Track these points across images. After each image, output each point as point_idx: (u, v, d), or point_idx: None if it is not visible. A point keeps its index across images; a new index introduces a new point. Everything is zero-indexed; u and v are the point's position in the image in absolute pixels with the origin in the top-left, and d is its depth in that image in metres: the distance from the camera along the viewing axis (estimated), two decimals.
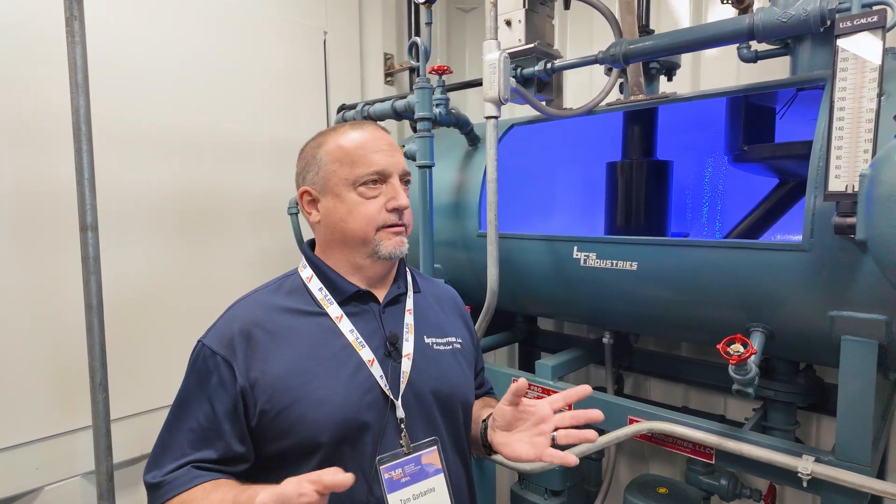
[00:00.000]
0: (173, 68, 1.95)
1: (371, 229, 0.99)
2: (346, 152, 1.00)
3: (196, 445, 0.94)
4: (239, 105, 2.14)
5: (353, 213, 0.99)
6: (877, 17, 0.95)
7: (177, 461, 0.94)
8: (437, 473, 1.00)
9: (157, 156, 1.92)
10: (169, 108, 1.94)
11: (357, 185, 0.99)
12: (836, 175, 1.02)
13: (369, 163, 0.99)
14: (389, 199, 1.00)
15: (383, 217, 1.00)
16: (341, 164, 1.00)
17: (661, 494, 1.71)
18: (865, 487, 1.15)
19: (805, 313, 1.24)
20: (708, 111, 1.95)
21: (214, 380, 0.94)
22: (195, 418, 0.95)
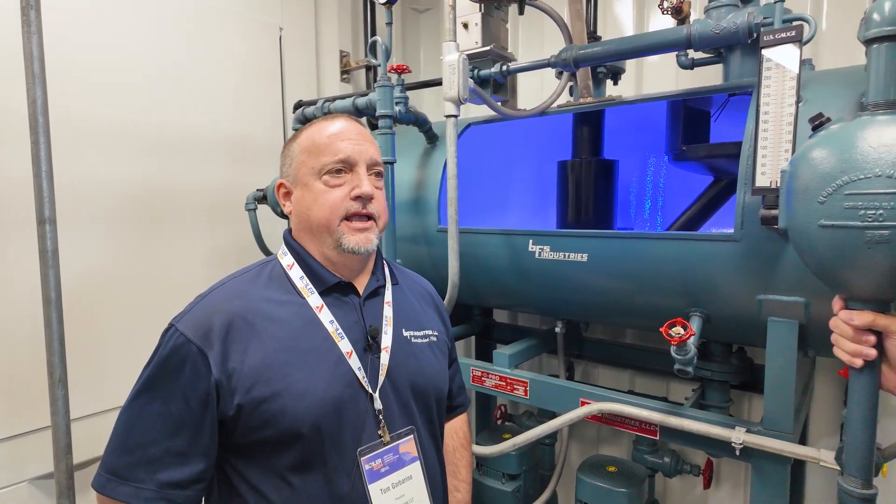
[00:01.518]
0: (129, 62, 1.90)
1: (335, 218, 1.00)
2: (314, 142, 1.02)
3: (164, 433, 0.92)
4: (195, 100, 2.11)
5: (318, 202, 1.00)
6: (794, 31, 1.07)
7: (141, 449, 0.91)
8: (413, 461, 1.04)
9: (111, 150, 1.88)
10: (123, 103, 1.90)
11: (322, 173, 1.00)
12: (762, 172, 1.14)
13: (334, 151, 1.00)
14: (354, 187, 1.01)
15: (346, 205, 1.00)
16: (309, 154, 1.02)
17: (610, 472, 1.82)
18: (788, 452, 1.29)
19: (737, 298, 1.37)
20: (648, 114, 2.09)
21: (188, 369, 0.92)
22: (165, 404, 0.93)
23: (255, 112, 2.32)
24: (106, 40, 1.84)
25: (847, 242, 0.84)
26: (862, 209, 0.82)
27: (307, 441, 0.94)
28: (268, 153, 2.38)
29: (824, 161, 0.87)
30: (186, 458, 0.92)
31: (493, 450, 1.74)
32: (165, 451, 0.92)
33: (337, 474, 0.96)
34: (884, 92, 0.87)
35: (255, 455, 0.97)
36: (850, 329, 0.89)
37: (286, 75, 2.47)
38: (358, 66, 2.69)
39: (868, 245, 0.82)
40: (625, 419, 1.57)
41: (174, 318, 0.98)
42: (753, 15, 1.27)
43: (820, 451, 1.26)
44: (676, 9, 1.58)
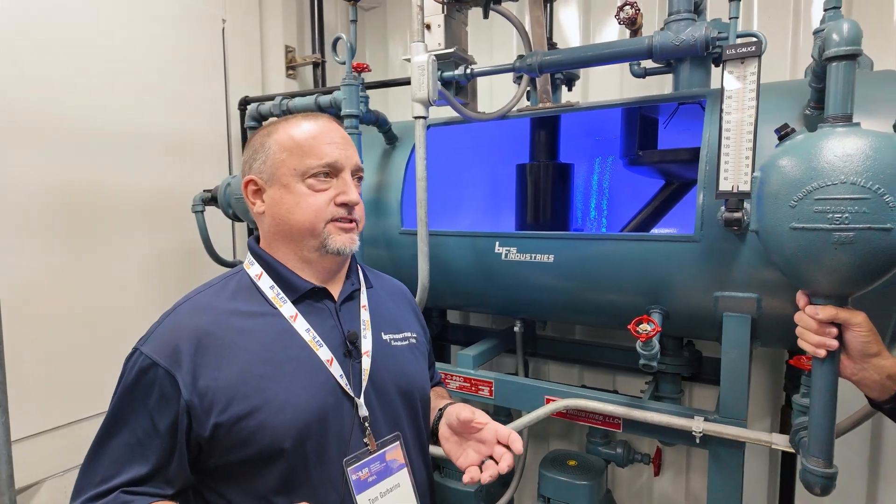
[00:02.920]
0: (54, 52, 1.73)
1: (320, 222, 0.97)
2: (297, 142, 0.97)
3: (130, 460, 0.88)
4: (128, 92, 1.96)
5: (301, 205, 0.96)
6: (754, 47, 1.16)
7: (105, 483, 0.87)
8: (400, 469, 1.02)
9: (33, 149, 1.70)
10: (48, 97, 1.73)
11: (306, 176, 0.96)
12: (724, 177, 1.22)
13: (321, 154, 0.97)
14: (339, 192, 0.98)
15: (332, 210, 0.97)
16: (291, 153, 0.97)
17: (571, 467, 1.88)
18: (744, 438, 1.38)
19: (695, 295, 1.45)
20: (595, 119, 2.17)
21: (156, 393, 0.88)
22: (133, 432, 0.89)
23: (196, 107, 2.19)
24: (27, 27, 1.66)
25: (815, 243, 0.92)
26: (830, 213, 0.90)
27: (291, 456, 0.90)
28: (211, 151, 2.25)
29: (794, 169, 0.94)
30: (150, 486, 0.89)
31: None
32: (128, 481, 0.88)
33: (324, 489, 0.93)
34: (842, 106, 0.95)
35: (237, 477, 0.92)
36: (814, 322, 0.97)
37: (229, 69, 2.35)
38: (305, 62, 2.61)
39: (834, 246, 0.90)
40: (589, 414, 1.63)
41: (138, 342, 0.93)
42: (710, 29, 1.36)
43: (772, 435, 1.37)
44: (631, 20, 1.66)
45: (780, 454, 2.04)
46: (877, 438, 1.96)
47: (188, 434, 0.89)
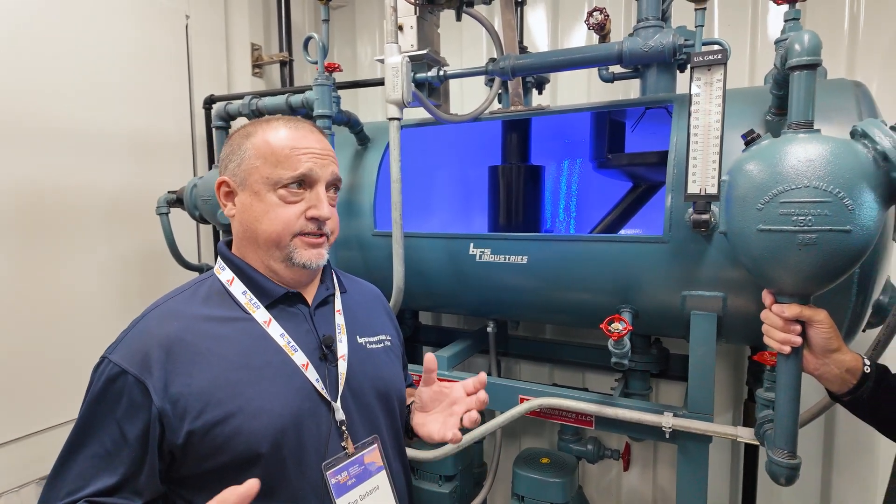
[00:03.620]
0: (5, 42, 1.64)
1: (286, 234, 0.94)
2: (273, 150, 0.95)
3: (97, 472, 0.85)
4: (86, 88, 1.88)
5: (269, 215, 0.94)
6: (720, 55, 1.20)
7: (71, 495, 0.84)
8: (379, 471, 1.02)
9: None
10: (2, 93, 1.64)
11: (278, 186, 0.94)
12: (693, 180, 1.26)
13: (295, 165, 0.94)
14: (311, 206, 0.95)
15: (300, 224, 0.95)
16: (265, 161, 0.95)
17: (544, 464, 1.90)
18: (711, 432, 1.43)
19: (664, 294, 1.50)
20: (565, 123, 2.21)
21: (125, 402, 0.85)
22: (101, 443, 0.86)
23: (159, 105, 2.12)
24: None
25: (781, 244, 0.96)
26: (794, 215, 0.94)
27: (267, 462, 0.88)
28: (175, 151, 2.19)
29: (760, 173, 0.98)
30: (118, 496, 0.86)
31: (436, 453, 1.74)
32: (95, 492, 0.84)
33: (303, 494, 0.92)
34: (804, 113, 1.00)
35: (212, 485, 0.89)
36: (780, 320, 1.01)
37: (193, 67, 2.28)
38: (272, 60, 2.56)
39: (799, 247, 0.94)
40: (563, 412, 1.65)
41: (106, 350, 0.90)
42: (677, 37, 1.40)
43: (737, 428, 1.42)
44: (600, 25, 1.70)
45: (742, 447, 2.12)
46: (830, 430, 2.06)
47: (160, 442, 0.86)
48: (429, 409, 1.07)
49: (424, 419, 1.06)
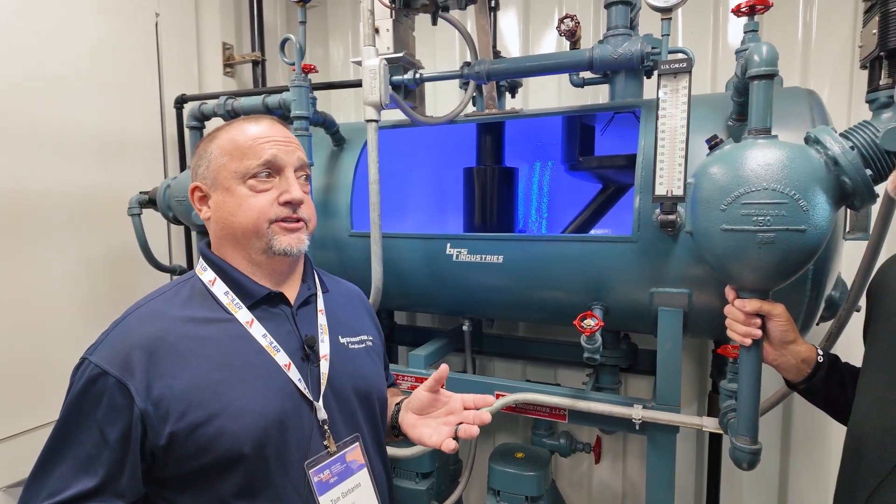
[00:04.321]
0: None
1: (263, 222, 0.96)
2: (237, 145, 0.97)
3: (78, 475, 0.85)
4: (52, 86, 1.84)
5: (243, 207, 0.96)
6: (685, 63, 1.26)
7: (52, 498, 0.84)
8: (360, 469, 1.03)
9: None
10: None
11: (247, 177, 0.96)
12: (660, 182, 1.32)
13: (259, 154, 0.96)
14: (282, 192, 0.97)
15: (275, 211, 0.97)
16: (231, 157, 0.97)
17: (519, 459, 1.95)
18: (678, 423, 1.50)
19: (633, 291, 1.56)
20: (536, 126, 2.27)
21: (105, 403, 0.85)
22: (81, 445, 0.86)
23: (129, 104, 2.09)
24: None
25: (742, 243, 1.02)
26: (754, 216, 1.00)
27: (251, 462, 0.90)
28: (145, 151, 2.15)
29: (723, 176, 1.04)
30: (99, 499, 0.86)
31: (413, 451, 1.77)
32: (76, 495, 0.84)
33: (285, 492, 0.94)
34: (762, 120, 1.07)
35: (195, 485, 0.91)
36: (742, 314, 1.07)
37: (164, 66, 2.25)
38: (244, 60, 2.54)
39: (759, 245, 1.01)
40: (537, 407, 1.70)
41: (86, 351, 0.90)
42: (645, 45, 1.46)
43: (702, 418, 1.49)
44: (571, 32, 1.76)
45: (706, 439, 2.21)
46: (787, 419, 2.18)
47: (142, 443, 0.86)
48: (425, 413, 1.08)
49: (417, 421, 1.08)
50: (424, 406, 1.09)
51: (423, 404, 1.09)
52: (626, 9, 1.60)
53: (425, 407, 1.09)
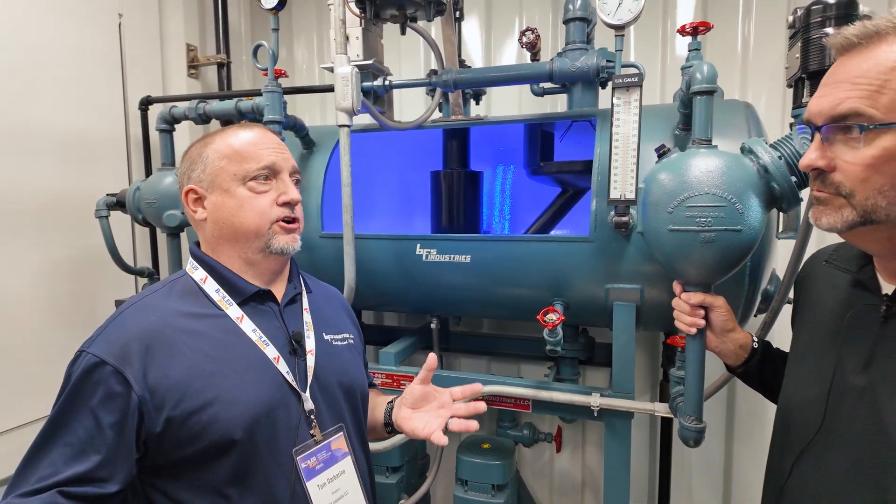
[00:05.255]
0: None
1: (265, 223, 1.03)
2: (236, 149, 1.03)
3: (69, 460, 0.87)
4: (10, 85, 1.80)
5: (245, 208, 1.02)
6: (637, 77, 1.38)
7: (42, 482, 0.86)
8: (345, 457, 1.10)
9: None
10: None
11: (247, 179, 1.02)
12: (614, 187, 1.44)
13: (259, 158, 1.03)
14: (280, 193, 1.04)
15: (276, 212, 1.04)
16: (230, 160, 1.03)
17: (485, 449, 2.04)
18: (633, 409, 1.62)
19: (590, 287, 1.67)
20: (499, 132, 2.37)
21: (101, 391, 0.89)
22: (74, 432, 0.89)
23: (92, 105, 2.07)
24: None
25: (687, 242, 1.14)
26: (697, 217, 1.12)
27: (242, 448, 0.95)
28: (110, 152, 2.13)
29: (670, 182, 1.16)
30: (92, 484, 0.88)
31: (385, 444, 1.83)
32: (65, 479, 0.87)
33: (275, 477, 0.99)
34: (704, 132, 1.19)
35: (188, 472, 0.95)
36: (687, 306, 1.19)
37: (127, 67, 2.23)
38: (209, 62, 2.54)
39: (701, 244, 1.12)
40: (504, 398, 1.80)
41: (83, 345, 0.94)
42: (600, 59, 1.58)
43: (654, 404, 1.62)
44: (532, 44, 1.87)
45: (659, 427, 2.36)
46: (731, 406, 2.35)
47: (138, 431, 0.90)
48: (418, 406, 1.17)
49: (411, 415, 1.16)
50: (418, 400, 1.17)
51: (417, 398, 1.17)
52: (583, 25, 1.72)
53: (418, 401, 1.17)
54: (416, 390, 1.16)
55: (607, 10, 1.46)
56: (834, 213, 0.82)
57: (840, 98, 0.78)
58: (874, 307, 0.87)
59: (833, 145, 0.80)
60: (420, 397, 1.16)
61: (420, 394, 1.16)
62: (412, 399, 1.17)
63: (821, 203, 0.84)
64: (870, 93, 0.75)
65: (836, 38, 0.80)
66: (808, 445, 0.92)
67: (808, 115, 0.84)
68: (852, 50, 0.78)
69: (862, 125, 0.76)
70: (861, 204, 0.78)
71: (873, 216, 0.78)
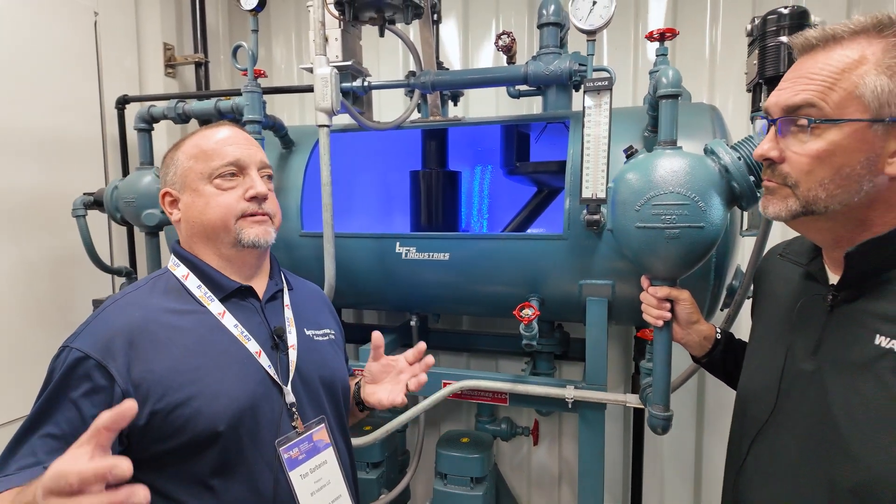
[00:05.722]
0: None
1: (231, 217, 1.05)
2: (202, 149, 1.07)
3: (51, 451, 0.88)
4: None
5: (211, 204, 1.04)
6: (607, 81, 1.44)
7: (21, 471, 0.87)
8: (326, 447, 1.13)
9: None
10: None
11: (213, 177, 1.05)
12: (586, 186, 1.49)
13: (223, 155, 1.06)
14: (248, 188, 1.06)
15: (242, 206, 1.06)
16: (197, 159, 1.06)
17: (464, 443, 2.08)
18: (605, 400, 1.68)
19: (564, 283, 1.72)
20: (477, 133, 2.41)
21: (85, 385, 0.90)
22: (57, 424, 0.90)
23: (68, 104, 2.05)
24: None
25: (653, 238, 1.20)
26: (663, 215, 1.18)
27: (226, 440, 0.97)
28: (86, 151, 2.12)
29: (637, 181, 1.22)
30: None
31: (366, 439, 1.86)
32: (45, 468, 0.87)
33: (259, 468, 1.01)
34: (669, 134, 1.25)
35: (172, 464, 0.97)
36: (654, 300, 1.25)
37: (104, 66, 2.22)
38: (186, 61, 2.53)
39: (666, 240, 1.18)
40: (481, 392, 1.84)
41: (67, 340, 0.95)
42: (573, 63, 1.64)
43: (626, 395, 1.68)
44: (508, 48, 1.92)
45: (632, 419, 2.43)
46: (701, 398, 2.43)
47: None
48: (379, 381, 1.21)
49: (374, 389, 1.20)
50: (377, 375, 1.22)
51: (375, 374, 1.22)
52: (556, 29, 1.77)
53: (378, 375, 1.22)
54: (374, 367, 1.21)
55: (579, 15, 1.52)
56: (780, 202, 0.89)
57: (796, 91, 0.85)
58: (822, 297, 0.93)
59: (785, 138, 0.87)
60: (379, 372, 1.21)
61: (378, 369, 1.21)
62: (371, 376, 1.22)
63: (769, 192, 0.91)
64: (823, 88, 0.82)
65: (799, 39, 0.87)
66: (763, 428, 0.99)
67: (766, 106, 0.91)
68: (811, 51, 0.86)
69: (811, 118, 0.82)
70: (804, 195, 0.85)
71: (813, 207, 0.85)
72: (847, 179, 0.82)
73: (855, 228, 0.87)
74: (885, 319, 0.82)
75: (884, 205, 0.84)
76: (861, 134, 0.81)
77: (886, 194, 0.83)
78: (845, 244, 0.87)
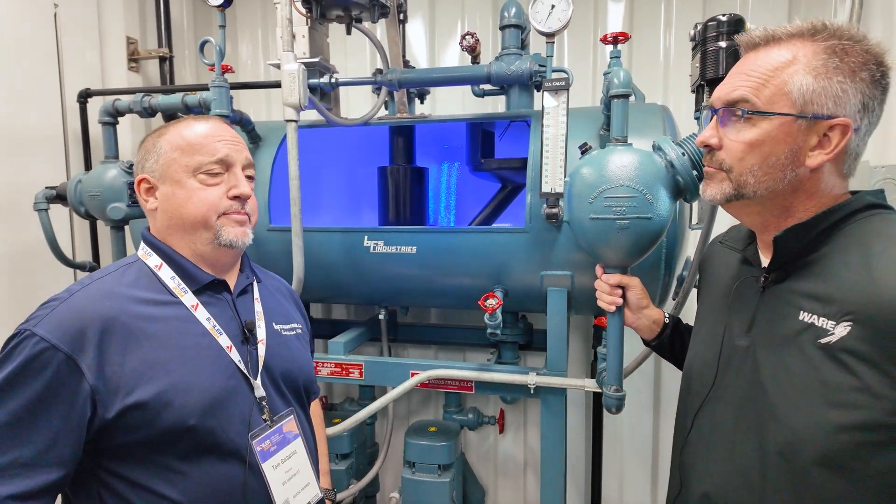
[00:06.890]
0: None
1: (212, 214, 1.04)
2: (189, 141, 1.05)
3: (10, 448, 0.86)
4: None
5: (193, 199, 1.03)
6: (564, 82, 1.52)
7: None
8: (295, 438, 1.15)
9: None
10: None
11: (198, 172, 1.04)
12: (545, 181, 1.57)
13: (212, 151, 1.05)
14: (232, 186, 1.06)
15: (225, 204, 1.05)
16: (182, 152, 1.05)
17: (432, 432, 2.14)
18: (565, 385, 1.76)
19: (526, 275, 1.80)
20: (443, 130, 2.47)
21: (49, 374, 0.88)
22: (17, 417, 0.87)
23: (27, 98, 2.02)
24: None
25: (605, 229, 1.28)
26: (614, 207, 1.26)
27: (196, 433, 0.97)
28: (46, 145, 2.09)
29: (591, 176, 1.29)
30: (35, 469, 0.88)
31: (335, 430, 1.90)
32: (11, 462, 0.87)
33: (229, 461, 1.02)
34: (620, 131, 1.33)
35: (139, 454, 0.96)
36: (607, 286, 1.33)
37: (64, 59, 2.18)
38: (150, 55, 2.51)
39: (617, 230, 1.26)
40: (448, 381, 1.90)
41: (27, 324, 0.91)
42: (533, 63, 1.71)
43: (584, 380, 1.77)
44: (472, 48, 1.98)
45: (592, 408, 2.54)
46: (658, 385, 2.56)
47: (91, 419, 0.91)
48: None
49: None
50: None
51: None
52: (517, 31, 1.85)
53: None
54: None
55: (539, 18, 1.59)
56: (716, 185, 0.98)
57: (735, 86, 0.94)
58: (755, 279, 1.03)
59: (725, 127, 0.96)
60: None
61: None
62: None
63: (708, 177, 1.00)
64: (757, 84, 0.91)
65: (745, 37, 0.97)
66: (705, 401, 1.07)
67: (711, 99, 1.00)
68: (754, 49, 0.95)
69: (745, 110, 0.91)
70: (736, 179, 0.95)
71: (744, 191, 0.94)
72: (773, 168, 0.92)
73: (781, 214, 0.96)
74: (808, 297, 0.91)
75: (805, 194, 0.94)
76: (787, 127, 0.90)
77: (807, 184, 0.93)
78: (773, 229, 0.97)
